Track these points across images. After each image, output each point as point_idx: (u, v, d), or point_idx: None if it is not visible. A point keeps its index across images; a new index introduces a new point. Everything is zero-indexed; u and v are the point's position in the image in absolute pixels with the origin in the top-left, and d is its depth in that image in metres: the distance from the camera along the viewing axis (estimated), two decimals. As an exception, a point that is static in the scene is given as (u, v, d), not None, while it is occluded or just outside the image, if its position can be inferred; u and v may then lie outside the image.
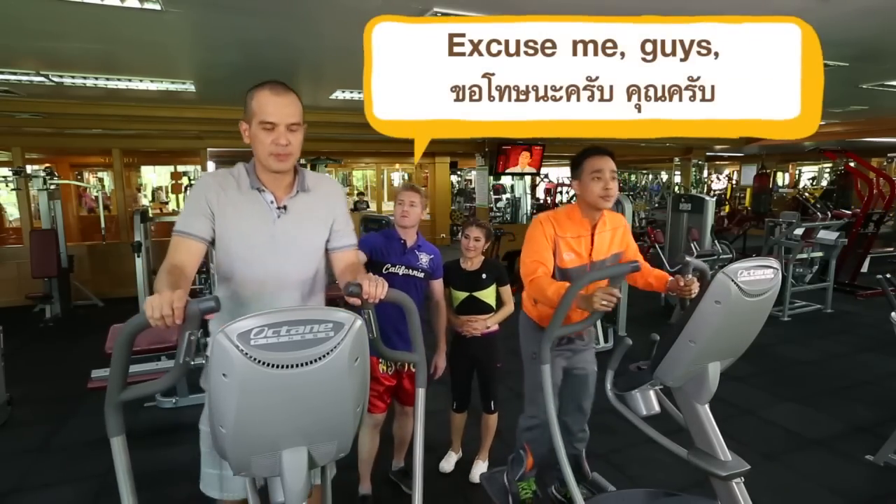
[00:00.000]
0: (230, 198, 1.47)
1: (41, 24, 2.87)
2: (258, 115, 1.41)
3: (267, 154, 1.43)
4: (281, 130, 1.41)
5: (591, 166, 1.96)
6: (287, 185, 1.53)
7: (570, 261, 2.03)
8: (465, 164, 13.29)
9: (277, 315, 0.94)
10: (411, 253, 2.32)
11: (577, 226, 2.04)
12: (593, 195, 1.96)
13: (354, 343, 0.99)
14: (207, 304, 1.05)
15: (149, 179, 12.69)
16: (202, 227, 1.44)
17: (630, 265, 1.68)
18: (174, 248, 1.43)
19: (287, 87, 1.44)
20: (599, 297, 1.66)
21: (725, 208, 13.55)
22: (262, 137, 1.42)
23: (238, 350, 0.91)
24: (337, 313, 0.99)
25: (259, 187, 1.49)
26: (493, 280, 2.53)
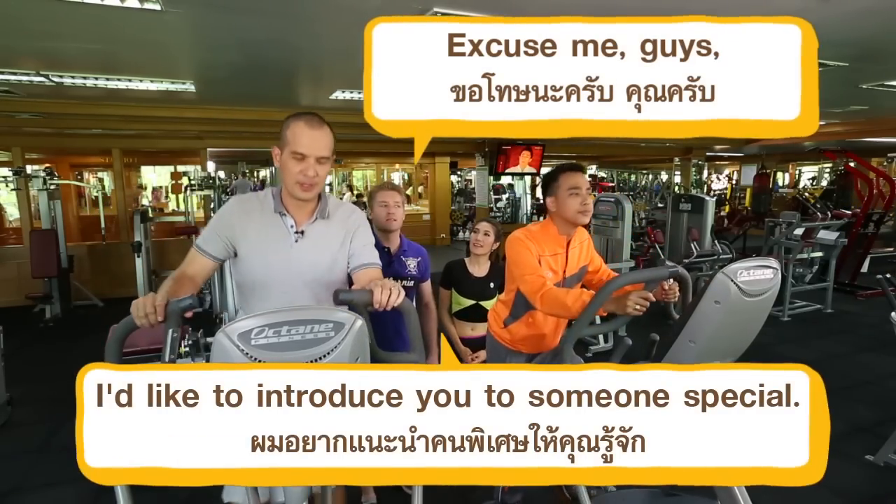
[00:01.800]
0: (253, 221, 1.54)
1: (41, 24, 2.87)
2: (291, 144, 1.46)
3: (294, 182, 1.49)
4: (310, 162, 1.47)
5: (568, 182, 1.95)
6: (309, 212, 1.57)
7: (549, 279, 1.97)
8: (465, 164, 13.29)
9: (278, 315, 0.94)
10: (397, 261, 2.21)
11: (553, 243, 2.01)
12: (571, 211, 1.95)
13: (355, 343, 0.99)
14: (186, 303, 1.12)
15: (149, 179, 12.69)
16: (217, 249, 1.53)
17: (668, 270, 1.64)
18: (190, 259, 1.53)
19: (322, 121, 1.50)
20: (634, 300, 1.65)
21: (725, 208, 13.55)
22: (292, 166, 1.47)
23: (238, 350, 0.91)
24: (337, 313, 0.99)
25: (281, 211, 1.55)
26: (499, 289, 2.48)
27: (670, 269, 1.64)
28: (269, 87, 4.84)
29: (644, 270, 1.90)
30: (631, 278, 1.73)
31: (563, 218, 1.99)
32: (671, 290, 1.78)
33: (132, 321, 1.14)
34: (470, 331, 2.50)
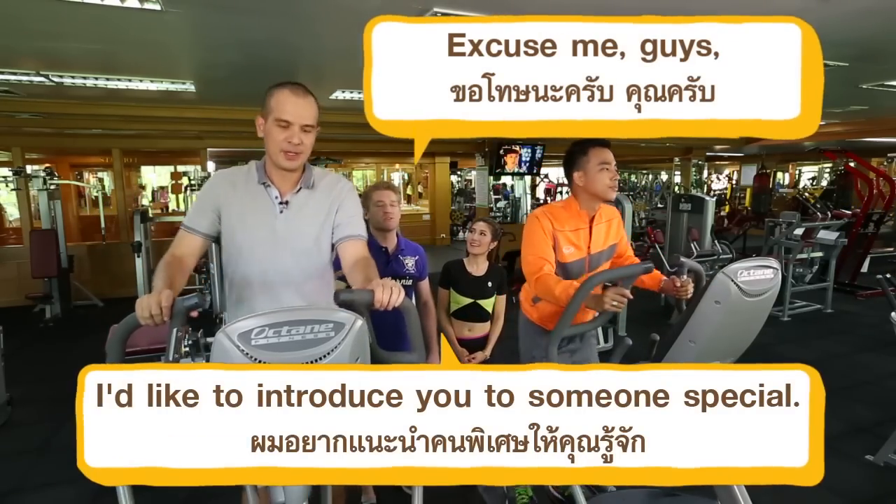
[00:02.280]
0: (238, 192, 1.52)
1: (41, 24, 2.87)
2: (275, 111, 1.45)
3: (278, 150, 1.47)
4: (295, 130, 1.45)
5: (599, 157, 1.93)
6: (293, 182, 1.55)
7: (570, 254, 2.00)
8: (465, 164, 13.29)
9: (278, 315, 0.94)
10: (395, 260, 2.19)
11: (575, 219, 2.01)
12: (601, 185, 1.94)
13: (355, 343, 0.99)
14: (191, 302, 1.11)
15: (149, 179, 12.69)
16: (206, 223, 1.51)
17: (643, 266, 1.66)
18: (178, 241, 1.50)
19: (306, 90, 1.49)
20: (611, 296, 1.65)
21: (725, 208, 13.55)
22: (276, 134, 1.45)
23: (238, 350, 0.91)
24: (337, 313, 0.99)
25: (265, 182, 1.53)
26: (497, 289, 2.49)
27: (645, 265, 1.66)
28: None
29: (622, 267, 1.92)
30: (608, 275, 1.73)
31: (590, 193, 1.98)
32: (683, 286, 1.77)
33: (135, 320, 1.13)
34: (467, 331, 2.49)
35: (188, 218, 1.53)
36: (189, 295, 1.13)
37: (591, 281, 1.62)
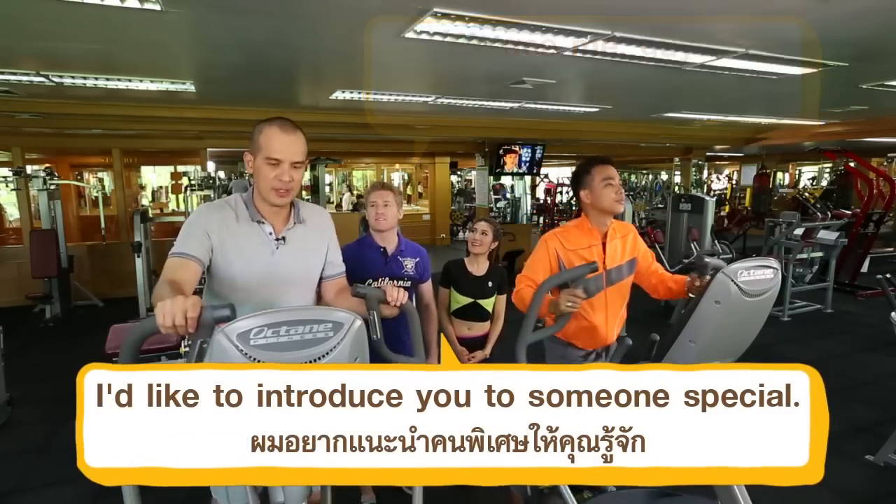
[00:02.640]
0: (230, 230, 1.51)
1: (41, 24, 2.87)
2: (264, 150, 1.45)
3: (269, 188, 1.47)
4: (285, 167, 1.46)
5: (602, 174, 2.01)
6: (284, 217, 1.57)
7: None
8: (465, 164, 13.29)
9: (277, 315, 0.94)
10: (394, 261, 2.18)
11: (587, 237, 2.07)
12: (608, 201, 2.02)
13: (354, 343, 0.99)
14: (222, 313, 0.99)
15: (149, 179, 12.69)
16: (200, 250, 1.45)
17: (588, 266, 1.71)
18: (172, 269, 1.40)
19: (295, 126, 1.49)
20: (565, 298, 1.70)
21: (725, 208, 13.55)
22: (266, 172, 1.46)
23: (238, 350, 0.91)
24: (336, 313, 0.99)
25: (259, 219, 1.54)
26: (497, 289, 2.50)
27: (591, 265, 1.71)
28: (269, 87, 4.83)
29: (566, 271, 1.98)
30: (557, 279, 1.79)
31: (598, 209, 2.05)
32: (704, 284, 1.78)
33: (153, 326, 1.02)
34: (467, 330, 2.50)
35: (179, 246, 1.44)
36: (220, 304, 1.00)
37: (542, 287, 1.68)
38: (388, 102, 5.44)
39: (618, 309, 2.14)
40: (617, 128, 8.19)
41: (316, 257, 1.63)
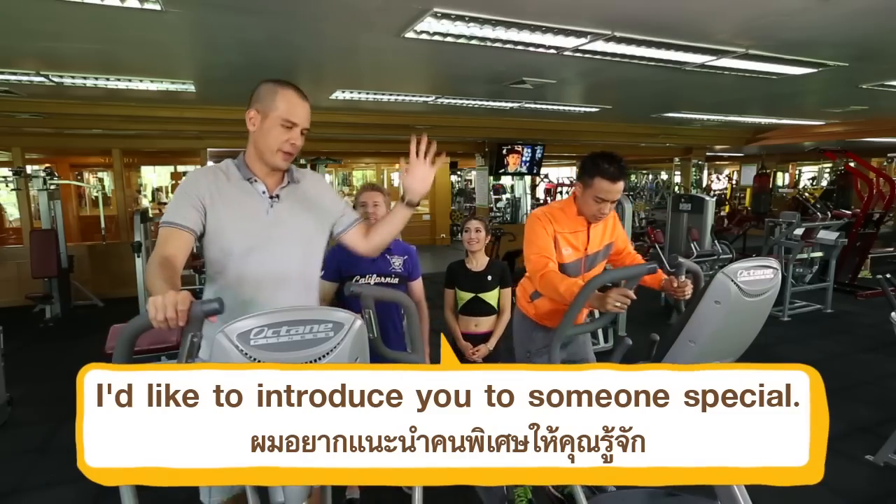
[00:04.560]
0: (221, 191, 1.48)
1: (41, 24, 2.87)
2: (283, 112, 1.45)
3: (275, 149, 1.47)
4: (297, 132, 1.48)
5: (599, 190, 1.96)
6: (278, 178, 1.56)
7: (568, 255, 2.07)
8: (465, 164, 13.28)
9: (277, 315, 0.94)
10: (381, 258, 2.20)
11: (573, 221, 2.08)
12: (589, 211, 2.03)
13: (354, 343, 0.99)
14: (211, 307, 1.03)
15: (149, 179, 12.69)
16: (192, 218, 1.43)
17: (647, 267, 1.66)
18: (164, 240, 1.41)
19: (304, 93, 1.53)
20: (614, 297, 1.66)
21: (725, 208, 13.55)
22: (278, 134, 1.46)
23: (238, 350, 0.91)
24: (336, 313, 0.99)
25: (251, 178, 1.52)
26: (498, 282, 2.55)
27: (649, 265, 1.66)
28: (269, 87, 4.84)
29: (626, 268, 1.92)
30: (612, 276, 1.74)
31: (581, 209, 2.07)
32: (682, 287, 1.78)
33: (147, 322, 1.06)
34: (474, 326, 2.56)
35: (170, 214, 1.43)
36: (209, 299, 1.06)
37: (595, 281, 1.63)
38: (388, 102, 5.44)
39: None
40: (617, 128, 8.19)
41: (313, 214, 1.58)
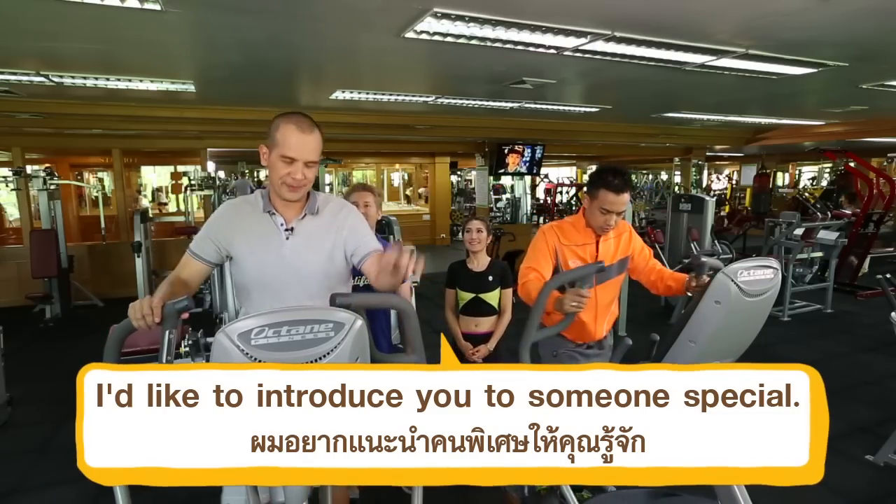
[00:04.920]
0: (244, 222, 1.55)
1: (41, 24, 2.87)
2: (280, 146, 1.46)
3: (280, 183, 1.49)
4: (298, 166, 1.47)
5: (604, 201, 1.98)
6: (298, 209, 1.58)
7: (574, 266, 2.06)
8: (465, 164, 13.29)
9: (278, 315, 0.94)
10: None
11: (581, 235, 2.10)
12: (596, 223, 2.04)
13: (355, 343, 0.99)
14: (182, 304, 1.15)
15: (149, 179, 12.68)
16: (212, 252, 1.55)
17: (595, 265, 1.71)
18: (183, 264, 1.55)
19: (312, 125, 1.49)
20: (569, 298, 1.70)
21: (725, 208, 13.55)
22: (279, 168, 1.48)
23: (238, 350, 0.91)
24: (337, 313, 0.99)
25: (270, 210, 1.56)
26: (499, 282, 2.54)
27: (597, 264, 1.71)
28: (269, 87, 4.83)
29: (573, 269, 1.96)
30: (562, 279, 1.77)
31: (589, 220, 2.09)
32: (704, 286, 1.78)
33: (130, 323, 1.16)
34: (474, 326, 2.57)
35: (195, 244, 1.56)
36: (179, 298, 1.17)
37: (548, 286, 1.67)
38: (388, 102, 5.44)
39: (607, 307, 2.18)
40: (617, 128, 8.19)
41: (321, 249, 1.58)
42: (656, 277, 2.13)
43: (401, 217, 6.34)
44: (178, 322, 1.18)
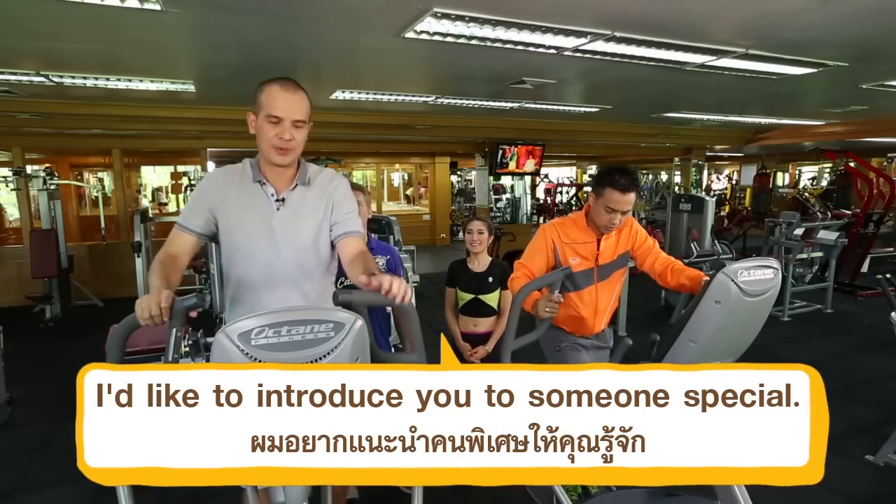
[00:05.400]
0: (233, 192, 1.52)
1: (41, 24, 2.87)
2: (265, 108, 1.44)
3: (269, 147, 1.46)
4: (286, 125, 1.44)
5: (610, 200, 1.98)
6: (289, 179, 1.55)
7: (577, 265, 2.08)
8: (465, 164, 13.28)
9: (278, 315, 0.94)
10: None
11: (583, 233, 2.11)
12: (601, 222, 2.04)
13: (355, 343, 0.99)
14: (191, 302, 1.13)
15: (149, 179, 12.68)
16: (201, 222, 1.51)
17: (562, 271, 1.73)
18: (171, 239, 1.51)
19: (297, 85, 1.47)
20: (542, 304, 1.71)
21: (725, 208, 13.54)
22: (267, 130, 1.45)
23: (239, 350, 0.91)
24: (337, 313, 0.99)
25: (261, 180, 1.52)
26: (499, 283, 2.53)
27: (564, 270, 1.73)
28: (269, 87, 4.83)
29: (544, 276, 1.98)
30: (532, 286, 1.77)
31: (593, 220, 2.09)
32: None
33: (135, 320, 1.14)
34: (473, 326, 2.57)
35: (182, 216, 1.53)
36: (188, 295, 1.15)
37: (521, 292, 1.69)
38: (388, 102, 5.44)
39: (606, 302, 2.19)
40: (617, 128, 8.19)
41: (312, 221, 1.55)
42: (663, 270, 2.08)
43: (401, 217, 6.34)
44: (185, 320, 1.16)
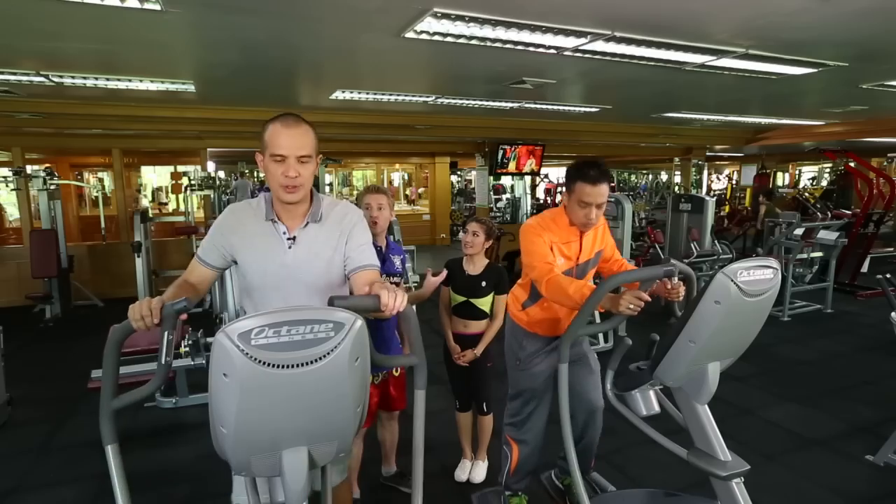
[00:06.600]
0: (247, 230, 1.53)
1: (41, 24, 2.87)
2: (270, 147, 1.45)
3: (277, 185, 1.47)
4: (291, 162, 1.44)
5: (581, 194, 1.96)
6: (301, 215, 1.55)
7: (561, 265, 2.06)
8: (465, 164, 13.28)
9: (278, 315, 0.94)
10: (387, 260, 2.24)
11: (565, 231, 2.08)
12: (577, 219, 2.03)
13: (355, 343, 0.99)
14: (180, 305, 1.16)
15: (149, 179, 12.68)
16: (217, 258, 1.55)
17: (664, 269, 1.60)
18: (191, 269, 1.56)
19: (299, 120, 1.47)
20: (628, 300, 1.65)
21: (725, 208, 13.55)
22: (273, 169, 1.45)
23: (238, 350, 0.91)
24: (337, 313, 0.99)
25: (273, 218, 1.53)
26: (492, 288, 2.50)
27: (665, 267, 1.59)
28: (269, 87, 4.83)
29: (641, 269, 1.88)
30: (627, 277, 1.73)
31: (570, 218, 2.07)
32: (675, 289, 1.77)
33: (129, 325, 1.16)
34: (463, 327, 2.53)
35: (202, 249, 1.57)
36: (178, 299, 1.17)
37: (610, 282, 1.62)
38: (388, 102, 5.44)
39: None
40: (617, 128, 8.19)
41: (325, 258, 1.55)
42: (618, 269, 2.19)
43: (400, 217, 6.34)
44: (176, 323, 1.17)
